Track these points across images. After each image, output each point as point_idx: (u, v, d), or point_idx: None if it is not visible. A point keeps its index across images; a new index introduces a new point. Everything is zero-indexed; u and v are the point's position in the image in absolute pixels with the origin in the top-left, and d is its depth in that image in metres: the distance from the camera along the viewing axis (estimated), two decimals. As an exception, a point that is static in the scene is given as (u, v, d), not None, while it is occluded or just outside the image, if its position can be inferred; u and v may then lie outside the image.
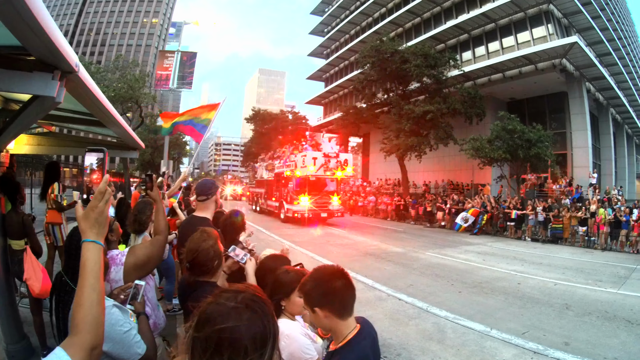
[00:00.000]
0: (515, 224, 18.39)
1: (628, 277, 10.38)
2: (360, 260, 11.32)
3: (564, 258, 13.16)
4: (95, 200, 1.41)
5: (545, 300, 7.74)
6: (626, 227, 15.28)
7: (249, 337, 1.04)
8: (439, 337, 5.62)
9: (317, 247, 13.26)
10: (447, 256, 12.45)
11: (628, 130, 39.16)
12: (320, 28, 53.33)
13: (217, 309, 1.08)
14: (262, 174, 27.89)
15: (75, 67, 2.06)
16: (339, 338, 1.75)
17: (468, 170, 28.16)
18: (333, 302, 1.71)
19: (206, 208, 3.56)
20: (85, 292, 1.27)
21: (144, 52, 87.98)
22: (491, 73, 29.46)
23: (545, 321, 6.47)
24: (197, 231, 2.45)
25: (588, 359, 5.05)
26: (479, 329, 5.96)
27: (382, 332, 5.27)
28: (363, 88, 30.31)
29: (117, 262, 2.48)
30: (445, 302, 7.34)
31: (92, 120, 4.13)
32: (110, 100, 3.48)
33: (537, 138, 20.99)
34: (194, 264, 2.30)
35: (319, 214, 20.11)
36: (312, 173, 19.87)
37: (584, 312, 7.05)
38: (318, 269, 1.82)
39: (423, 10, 36.09)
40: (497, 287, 8.64)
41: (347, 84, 42.30)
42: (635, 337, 5.93)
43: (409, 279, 9.18)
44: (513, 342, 5.48)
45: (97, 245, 1.36)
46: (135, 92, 31.55)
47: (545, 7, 27.21)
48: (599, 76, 27.22)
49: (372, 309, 6.77)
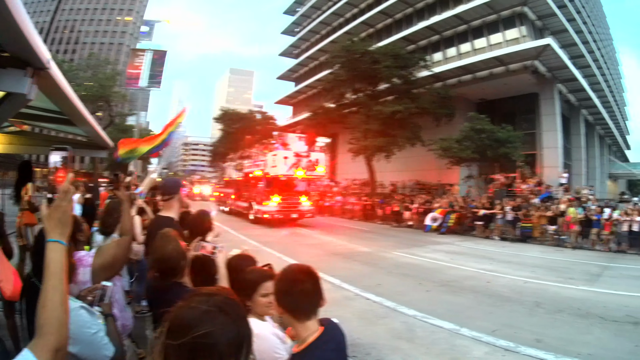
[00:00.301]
0: (483, 223, 18.14)
1: (600, 275, 10.25)
2: (327, 260, 11.18)
3: (533, 256, 12.98)
4: (58, 200, 1.41)
5: (516, 298, 7.62)
6: (597, 226, 15.08)
7: (224, 341, 1.02)
8: (409, 336, 5.54)
9: (284, 247, 12.95)
10: (414, 255, 12.28)
11: (600, 131, 39.90)
12: (292, 28, 52.92)
13: (190, 313, 1.05)
14: (231, 174, 27.21)
15: (47, 64, 2.15)
16: (300, 342, 1.71)
17: (435, 171, 27.96)
18: (290, 301, 1.71)
19: (171, 207, 3.58)
20: (49, 293, 1.26)
21: (116, 50, 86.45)
22: (461, 74, 29.32)
23: (516, 319, 6.38)
24: (157, 237, 2.48)
25: (561, 356, 4.94)
26: (449, 327, 5.86)
27: (350, 332, 5.45)
28: (332, 88, 30.17)
29: (84, 264, 2.46)
30: (413, 301, 7.20)
31: (63, 118, 4.23)
32: (81, 99, 3.42)
33: (506, 138, 21.03)
34: (163, 272, 2.31)
35: (290, 214, 19.31)
36: (283, 173, 18.91)
37: (555, 309, 6.93)
38: (289, 267, 1.82)
39: (395, 11, 35.87)
40: (466, 285, 8.53)
41: (317, 84, 41.82)
42: (610, 333, 5.85)
43: (377, 278, 9.05)
44: (484, 340, 5.39)
45: (60, 245, 1.35)
46: (106, 91, 31.77)
47: (519, 9, 27.15)
48: (572, 78, 27.43)
49: (340, 308, 6.56)
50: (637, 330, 6.02)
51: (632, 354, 5.15)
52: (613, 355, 5.09)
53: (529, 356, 4.92)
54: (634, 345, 5.40)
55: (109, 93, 32.24)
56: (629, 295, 8.04)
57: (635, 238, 14.40)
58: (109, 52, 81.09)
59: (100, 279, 2.33)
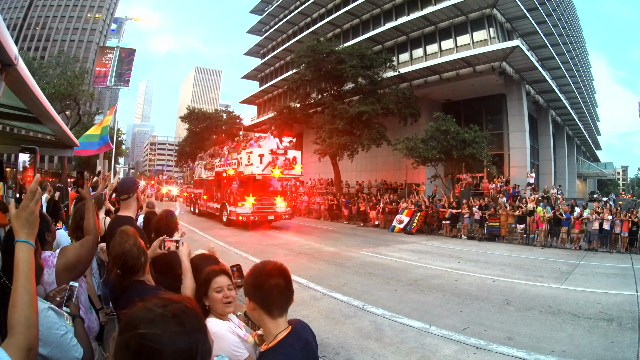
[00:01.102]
0: (450, 223, 17.90)
1: (571, 273, 10.10)
2: (293, 259, 10.98)
3: (501, 255, 12.87)
4: (26, 200, 1.41)
5: (485, 296, 7.50)
6: (566, 224, 14.99)
7: (171, 350, 0.96)
8: (377, 335, 5.42)
9: (250, 247, 12.91)
10: (381, 255, 12.14)
11: (569, 131, 40.49)
12: (258, 27, 52.11)
13: (142, 313, 1.02)
14: (201, 174, 25.46)
15: (15, 60, 2.10)
16: (269, 338, 1.67)
17: (401, 170, 27.46)
18: (262, 296, 1.65)
19: (129, 206, 3.49)
20: (18, 293, 1.28)
21: (85, 47, 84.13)
22: (428, 75, 28.90)
23: (485, 317, 6.28)
24: (116, 234, 2.44)
25: (534, 353, 4.85)
26: (418, 326, 5.76)
27: (318, 332, 4.91)
28: (297, 88, 30.11)
29: (49, 264, 2.38)
30: (381, 300, 7.10)
31: (30, 117, 4.27)
32: (50, 97, 2.69)
33: (472, 139, 20.76)
34: (124, 268, 2.27)
35: (266, 216, 18.04)
36: (259, 172, 17.48)
37: (525, 307, 6.84)
38: (262, 262, 1.75)
39: (362, 12, 35.37)
40: (433, 284, 8.41)
41: (282, 83, 41.28)
42: (584, 330, 5.78)
43: (344, 277, 8.93)
44: (454, 338, 5.30)
45: (28, 245, 1.37)
46: (75, 89, 31.88)
47: (488, 11, 26.87)
48: (540, 79, 27.44)
49: (307, 308, 6.55)
50: (611, 326, 5.90)
51: (607, 350, 5.03)
52: (588, 351, 4.98)
53: (500, 354, 4.83)
54: (609, 341, 5.29)
55: (77, 91, 32.04)
56: (602, 292, 7.96)
57: (606, 236, 14.39)
58: (78, 49, 79.41)
59: (64, 280, 2.29)
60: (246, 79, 55.25)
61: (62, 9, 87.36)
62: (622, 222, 14.04)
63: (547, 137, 31.45)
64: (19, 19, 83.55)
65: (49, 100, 3.06)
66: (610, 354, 4.92)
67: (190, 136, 53.56)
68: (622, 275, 10.03)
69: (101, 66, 41.58)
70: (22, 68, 2.17)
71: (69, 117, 33.45)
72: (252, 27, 52.68)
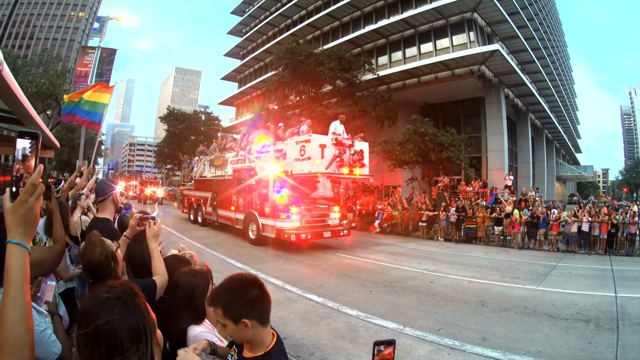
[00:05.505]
0: (427, 225, 17.53)
1: (548, 274, 9.94)
2: (269, 261, 10.96)
3: (478, 257, 12.69)
4: (25, 194, 1.17)
5: (460, 297, 7.45)
6: (544, 226, 14.75)
7: (124, 329, 1.03)
8: (352, 336, 5.41)
9: (227, 249, 12.48)
10: (356, 257, 11.91)
11: (548, 134, 40.83)
12: (238, 28, 51.82)
13: (91, 302, 1.09)
14: (203, 171, 20.04)
15: (0, 65, 2.17)
16: (261, 347, 1.63)
17: (378, 173, 26.79)
18: (258, 310, 1.61)
19: (105, 208, 3.45)
20: (7, 307, 1.09)
21: (67, 46, 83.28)
22: (406, 78, 28.88)
23: (460, 318, 6.24)
24: (84, 242, 2.42)
25: (509, 353, 4.83)
26: (392, 327, 5.74)
27: (294, 333, 5.35)
28: (276, 90, 29.71)
29: None
30: (356, 301, 7.05)
31: (11, 117, 4.38)
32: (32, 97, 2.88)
33: (450, 142, 20.76)
34: (94, 278, 2.22)
35: (321, 233, 12.78)
36: (323, 170, 12.66)
37: (501, 308, 6.78)
38: (232, 278, 1.69)
39: (343, 15, 35.26)
40: (408, 286, 8.32)
41: (261, 85, 41.09)
42: (559, 330, 5.73)
43: (319, 279, 8.86)
44: (428, 338, 5.27)
45: (22, 248, 1.15)
46: (56, 89, 31.11)
47: (469, 15, 26.91)
48: (520, 83, 27.58)
49: (283, 309, 6.45)
50: (588, 327, 5.83)
51: (584, 350, 4.99)
52: (564, 352, 4.93)
53: (475, 354, 4.80)
54: (586, 342, 5.24)
55: (58, 91, 31.02)
56: (579, 294, 7.84)
57: (584, 238, 14.15)
58: (61, 48, 79.06)
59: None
60: (225, 80, 55.18)
61: (47, 7, 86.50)
62: (600, 224, 13.81)
63: (526, 140, 31.66)
64: (5, 17, 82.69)
65: (31, 100, 2.76)
66: (587, 354, 4.88)
67: (169, 137, 53.03)
68: (601, 276, 9.84)
69: (82, 66, 40.87)
70: (6, 73, 2.19)
71: (50, 117, 33.08)
72: (233, 28, 52.49)
